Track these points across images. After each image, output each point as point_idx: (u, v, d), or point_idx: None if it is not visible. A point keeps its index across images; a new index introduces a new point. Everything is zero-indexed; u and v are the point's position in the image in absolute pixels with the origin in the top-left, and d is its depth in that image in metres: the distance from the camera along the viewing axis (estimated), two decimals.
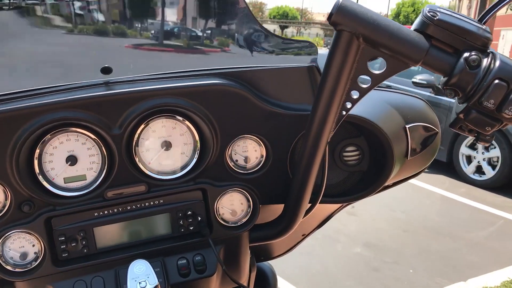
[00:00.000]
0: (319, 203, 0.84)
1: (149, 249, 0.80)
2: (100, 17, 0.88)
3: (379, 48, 0.63)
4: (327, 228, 3.78)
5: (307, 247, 3.49)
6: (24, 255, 0.76)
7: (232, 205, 0.85)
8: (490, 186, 5.32)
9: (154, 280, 0.73)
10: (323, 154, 0.75)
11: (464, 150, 5.61)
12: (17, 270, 0.75)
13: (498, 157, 5.30)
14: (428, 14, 0.60)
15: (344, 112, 0.69)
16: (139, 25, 0.89)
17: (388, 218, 4.18)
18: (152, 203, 0.80)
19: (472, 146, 5.59)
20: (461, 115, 0.62)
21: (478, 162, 5.48)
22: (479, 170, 5.50)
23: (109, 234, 0.79)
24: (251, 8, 0.80)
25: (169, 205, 0.81)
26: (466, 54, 0.60)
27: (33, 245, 0.76)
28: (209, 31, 0.87)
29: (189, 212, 0.82)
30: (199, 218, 0.82)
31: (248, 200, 0.85)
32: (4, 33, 0.81)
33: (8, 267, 0.75)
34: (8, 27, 0.81)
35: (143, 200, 0.80)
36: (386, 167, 0.83)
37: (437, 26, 0.60)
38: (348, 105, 0.69)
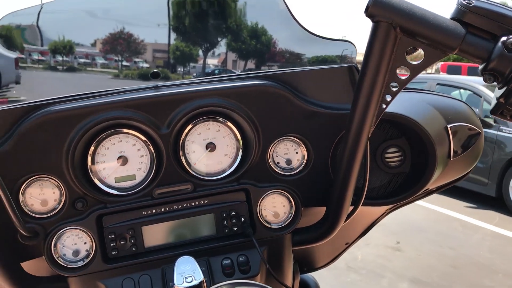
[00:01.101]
0: (362, 205, 0.84)
1: (195, 248, 0.82)
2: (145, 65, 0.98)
3: (416, 37, 0.64)
4: (370, 262, 3.68)
5: (352, 283, 3.40)
6: (76, 252, 0.79)
7: (274, 207, 0.86)
8: None
9: (200, 276, 0.74)
10: (364, 150, 0.75)
11: None
12: (69, 266, 0.78)
13: None
14: (464, 2, 0.62)
15: (384, 106, 0.71)
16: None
17: (435, 253, 4.02)
18: (197, 203, 0.83)
19: None
20: (502, 100, 0.62)
21: None
22: None
23: (156, 233, 0.82)
24: None
25: (213, 206, 0.83)
26: (504, 38, 0.60)
27: (85, 243, 0.80)
28: (249, 34, 0.91)
29: (233, 213, 0.84)
30: (243, 219, 0.84)
31: (290, 202, 0.86)
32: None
33: (62, 263, 0.78)
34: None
35: (189, 200, 0.82)
36: (429, 167, 0.83)
37: (473, 13, 0.62)
38: (388, 98, 0.70)
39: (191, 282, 0.73)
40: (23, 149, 0.73)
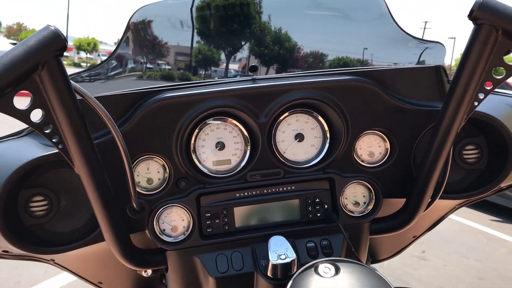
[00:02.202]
0: (439, 198, 0.89)
1: (281, 230, 0.88)
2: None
3: None
4: (396, 270, 3.69)
5: None
6: (175, 228, 0.86)
7: (355, 197, 0.92)
8: None
9: (292, 254, 0.80)
10: (450, 145, 0.81)
11: None
12: (169, 240, 0.85)
13: None
14: None
15: (476, 103, 0.76)
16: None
17: (460, 265, 4.02)
18: (285, 188, 0.89)
19: None
20: None
21: None
22: None
23: (246, 214, 0.88)
24: None
25: (299, 192, 0.90)
26: None
27: (183, 220, 0.86)
28: (345, 33, 0.97)
29: (317, 200, 0.90)
30: (326, 206, 0.90)
31: (371, 192, 0.92)
32: None
33: (163, 238, 0.85)
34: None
35: (278, 186, 0.89)
36: (507, 165, 0.88)
37: None
38: (481, 96, 0.75)
39: (284, 259, 0.80)
40: (139, 130, 0.80)
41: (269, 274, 0.81)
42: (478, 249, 4.44)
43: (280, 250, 0.81)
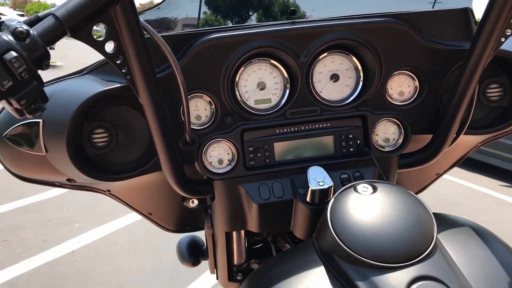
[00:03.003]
0: (463, 134, 0.97)
1: (318, 163, 0.96)
2: None
3: None
4: None
5: None
6: (220, 161, 0.94)
7: (385, 133, 0.99)
8: None
9: (330, 181, 0.89)
10: (476, 83, 0.88)
11: None
12: (216, 171, 0.94)
13: None
14: None
15: (503, 39, 0.82)
16: None
17: None
18: (321, 125, 0.97)
19: None
20: None
21: None
22: None
23: (285, 149, 0.96)
24: None
25: (334, 129, 0.97)
26: None
27: (228, 153, 0.94)
28: None
29: (350, 136, 0.97)
30: (358, 142, 0.98)
31: (400, 129, 0.99)
32: None
33: (211, 169, 0.93)
34: None
35: (314, 123, 0.96)
36: None
37: None
38: (508, 32, 0.82)
39: (322, 185, 0.88)
40: (191, 67, 0.88)
41: (308, 199, 0.90)
42: (487, 213, 4.54)
43: (318, 178, 0.90)
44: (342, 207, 0.77)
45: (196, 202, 1.04)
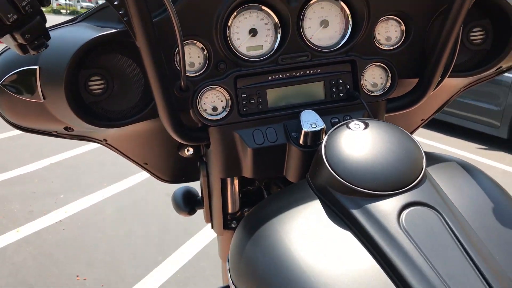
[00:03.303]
0: (448, 77, 1.01)
1: (309, 108, 0.98)
2: None
3: None
4: None
5: None
6: (214, 108, 0.96)
7: (373, 79, 1.02)
8: None
9: (322, 123, 0.92)
10: (460, 25, 0.91)
11: None
12: (211, 118, 0.96)
13: None
14: None
15: None
16: None
17: None
18: (312, 71, 0.99)
19: None
20: None
21: None
22: None
23: (277, 96, 0.99)
24: None
25: (324, 74, 1.00)
26: None
27: (222, 100, 0.96)
28: None
29: (340, 81, 1.00)
30: (348, 87, 1.01)
31: (387, 73, 1.02)
32: None
33: (206, 116, 0.95)
34: None
35: (305, 68, 0.99)
36: (508, 44, 0.98)
37: None
38: None
39: (315, 127, 0.91)
40: (184, 13, 0.89)
41: (300, 142, 0.93)
42: None
43: (311, 121, 0.93)
44: (336, 142, 0.81)
45: (191, 150, 1.07)
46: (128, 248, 2.99)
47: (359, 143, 0.79)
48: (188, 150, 1.06)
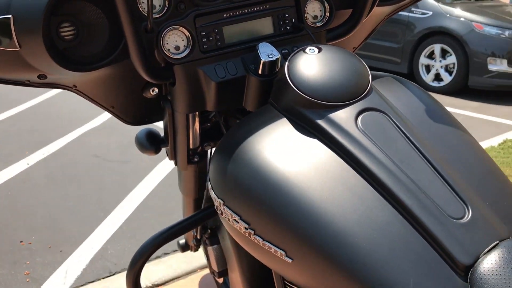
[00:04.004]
0: (376, 6, 1.16)
1: (262, 42, 1.09)
2: None
3: None
4: None
5: None
6: (177, 47, 1.04)
7: (314, 11, 1.15)
8: (449, 90, 5.86)
9: (278, 53, 1.03)
10: None
11: (423, 60, 6.09)
12: (175, 57, 1.04)
13: (454, 63, 5.82)
14: None
15: None
16: None
17: None
18: (261, 7, 1.09)
19: (430, 56, 6.07)
20: None
21: (436, 70, 5.99)
22: (437, 77, 6.02)
23: (233, 32, 1.08)
24: None
25: (272, 10, 1.10)
26: None
27: (183, 40, 1.04)
28: None
29: (286, 15, 1.12)
30: (293, 20, 1.13)
31: (325, 6, 1.15)
32: None
33: (170, 55, 1.03)
34: None
35: (256, 5, 1.09)
36: None
37: None
38: None
39: (272, 57, 1.03)
40: None
41: (259, 72, 1.04)
42: None
43: (267, 52, 1.04)
44: (297, 66, 0.93)
45: (156, 90, 1.14)
46: (67, 210, 2.98)
47: (317, 64, 0.93)
48: (153, 90, 1.14)
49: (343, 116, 0.88)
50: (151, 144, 1.27)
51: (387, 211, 0.78)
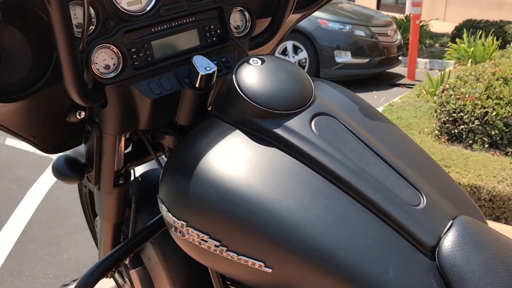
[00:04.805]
0: (291, 14, 1.22)
1: (191, 55, 1.07)
2: None
3: None
4: None
5: None
6: (107, 66, 0.97)
7: (235, 21, 1.16)
8: None
9: (214, 66, 1.02)
10: None
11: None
12: (107, 77, 0.97)
13: (306, 58, 6.28)
14: None
15: None
16: None
17: None
18: (187, 20, 1.07)
19: (284, 53, 6.47)
20: None
21: None
22: None
23: (162, 46, 1.04)
24: None
25: (197, 22, 1.09)
26: None
27: (112, 58, 0.97)
28: None
29: (212, 27, 1.11)
30: (218, 31, 1.13)
31: (246, 16, 1.17)
32: None
33: (101, 75, 0.96)
34: None
35: (182, 18, 1.06)
36: None
37: None
38: None
39: (209, 70, 1.02)
40: None
41: (197, 85, 1.03)
42: None
43: (204, 65, 1.03)
44: (245, 76, 0.95)
45: (83, 114, 1.05)
46: None
47: (264, 75, 0.95)
48: (80, 114, 1.05)
49: (298, 123, 0.91)
50: (73, 171, 1.17)
51: (356, 208, 0.84)
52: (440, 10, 12.23)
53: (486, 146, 3.29)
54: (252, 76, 0.94)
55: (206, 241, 0.88)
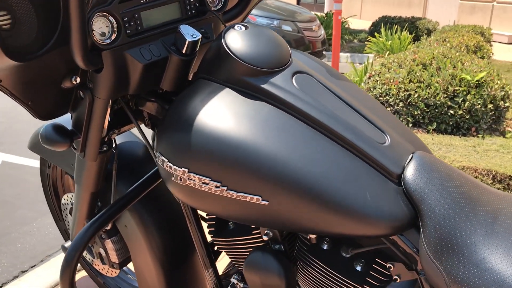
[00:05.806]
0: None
1: (176, 25, 1.18)
2: None
3: None
4: None
5: None
6: (103, 34, 1.05)
7: None
8: None
9: (199, 34, 1.14)
10: None
11: None
12: (104, 43, 1.05)
13: None
14: None
15: None
16: None
17: None
18: None
19: None
20: None
21: None
22: None
23: (149, 17, 1.13)
24: None
25: None
26: None
27: (107, 26, 1.06)
28: None
29: (191, 0, 1.22)
30: (197, 4, 1.24)
31: None
32: None
33: (99, 41, 1.04)
34: None
35: None
36: None
37: None
38: None
39: (195, 37, 1.13)
40: None
41: (184, 51, 1.14)
42: None
43: (190, 33, 1.14)
44: (233, 40, 1.07)
45: (78, 79, 1.12)
46: None
47: (250, 39, 1.08)
48: (75, 80, 1.11)
49: (282, 79, 1.06)
50: (63, 137, 1.22)
51: (335, 147, 1.00)
52: (357, 8, 12.97)
53: (411, 125, 3.64)
54: (239, 39, 1.07)
55: (207, 184, 1.00)
